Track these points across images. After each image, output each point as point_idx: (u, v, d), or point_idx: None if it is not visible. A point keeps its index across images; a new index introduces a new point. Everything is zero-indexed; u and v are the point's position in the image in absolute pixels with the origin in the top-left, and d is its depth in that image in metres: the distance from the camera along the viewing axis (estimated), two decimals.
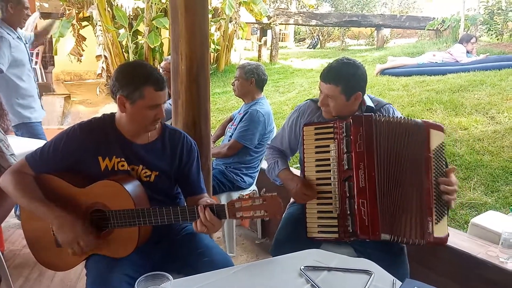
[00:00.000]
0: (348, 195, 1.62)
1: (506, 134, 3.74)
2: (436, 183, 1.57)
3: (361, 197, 1.59)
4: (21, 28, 3.10)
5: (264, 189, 1.35)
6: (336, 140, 1.65)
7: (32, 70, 3.16)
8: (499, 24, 8.92)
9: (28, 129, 3.06)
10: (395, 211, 1.59)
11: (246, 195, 1.36)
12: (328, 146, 1.67)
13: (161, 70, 3.28)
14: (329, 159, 1.66)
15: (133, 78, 1.50)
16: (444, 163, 1.60)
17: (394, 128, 1.62)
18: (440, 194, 1.57)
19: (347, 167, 1.61)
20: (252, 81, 2.76)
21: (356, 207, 1.59)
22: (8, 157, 1.76)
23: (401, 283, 1.24)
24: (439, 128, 1.62)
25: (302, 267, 1.30)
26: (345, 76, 1.71)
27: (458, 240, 1.98)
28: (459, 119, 4.18)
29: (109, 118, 1.61)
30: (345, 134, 1.62)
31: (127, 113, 1.53)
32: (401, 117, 1.69)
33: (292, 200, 2.02)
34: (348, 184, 1.62)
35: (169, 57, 3.43)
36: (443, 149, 1.62)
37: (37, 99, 3.19)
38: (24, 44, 3.09)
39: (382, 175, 1.59)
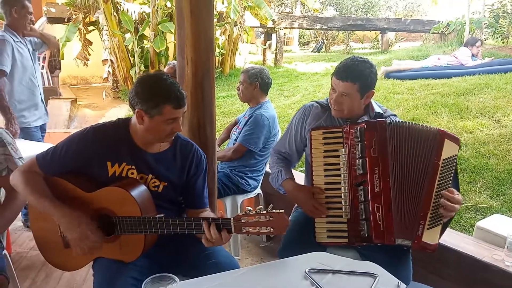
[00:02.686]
0: (363, 199, 1.61)
1: None
2: (438, 193, 1.57)
3: (376, 202, 1.59)
4: (25, 32, 3.06)
5: (271, 205, 1.34)
6: (346, 145, 1.64)
7: (36, 76, 3.12)
8: (504, 27, 8.88)
9: (24, 133, 3.02)
10: (408, 215, 1.59)
11: (253, 210, 1.34)
12: (337, 150, 1.66)
13: None
14: (338, 164, 1.65)
15: (153, 95, 1.48)
16: (450, 177, 1.60)
17: (407, 134, 1.61)
18: (439, 204, 1.57)
19: (361, 171, 1.61)
20: (256, 85, 2.78)
21: (371, 211, 1.59)
22: (16, 160, 1.78)
23: (405, 286, 1.24)
24: (455, 140, 1.61)
25: (307, 269, 1.31)
26: (362, 74, 1.70)
27: (463, 243, 1.98)
28: (464, 123, 4.17)
29: (123, 124, 1.60)
30: (359, 139, 1.62)
31: (144, 125, 1.52)
32: (412, 123, 1.69)
33: None
34: (362, 189, 1.61)
35: (172, 62, 3.46)
36: (454, 162, 1.61)
37: (38, 105, 3.14)
38: (28, 49, 3.07)
39: (396, 180, 1.59)
